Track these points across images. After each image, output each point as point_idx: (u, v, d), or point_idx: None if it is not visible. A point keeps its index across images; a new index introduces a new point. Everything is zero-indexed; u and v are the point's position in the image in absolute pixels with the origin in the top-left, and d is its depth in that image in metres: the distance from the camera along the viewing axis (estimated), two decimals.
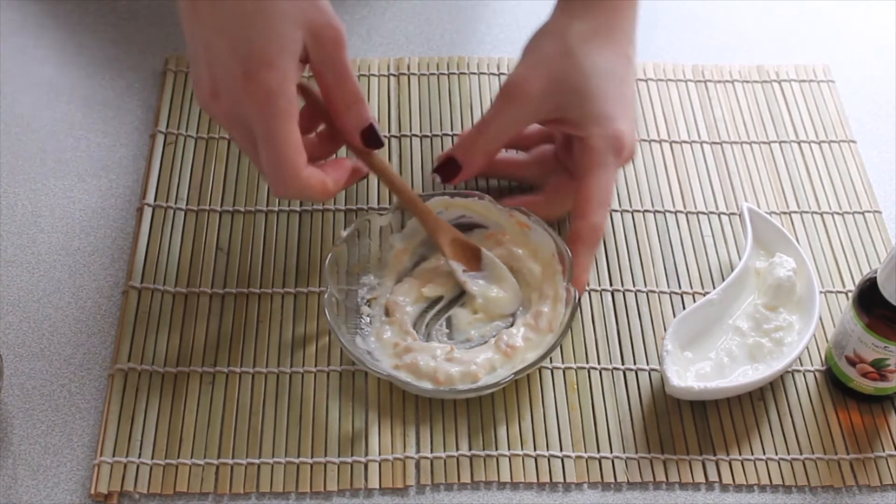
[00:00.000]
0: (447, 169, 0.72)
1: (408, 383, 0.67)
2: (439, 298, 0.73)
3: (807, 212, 0.79)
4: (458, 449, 0.67)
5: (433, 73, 0.87)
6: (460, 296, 0.73)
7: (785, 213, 0.79)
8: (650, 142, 0.83)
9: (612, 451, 0.67)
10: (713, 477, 0.66)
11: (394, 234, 0.74)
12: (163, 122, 0.82)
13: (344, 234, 0.71)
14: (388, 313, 0.71)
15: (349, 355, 0.67)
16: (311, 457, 0.66)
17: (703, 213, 0.79)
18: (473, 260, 0.72)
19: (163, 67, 0.86)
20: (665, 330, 0.70)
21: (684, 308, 0.73)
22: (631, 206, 0.79)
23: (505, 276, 0.72)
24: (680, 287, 0.75)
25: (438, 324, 0.72)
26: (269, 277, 0.74)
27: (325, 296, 0.68)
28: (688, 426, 0.68)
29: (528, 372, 0.67)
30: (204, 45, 0.62)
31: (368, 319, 0.71)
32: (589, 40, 0.72)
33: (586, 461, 0.67)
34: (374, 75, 0.86)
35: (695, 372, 0.69)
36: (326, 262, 0.70)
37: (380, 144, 0.67)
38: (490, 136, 0.72)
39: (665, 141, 0.83)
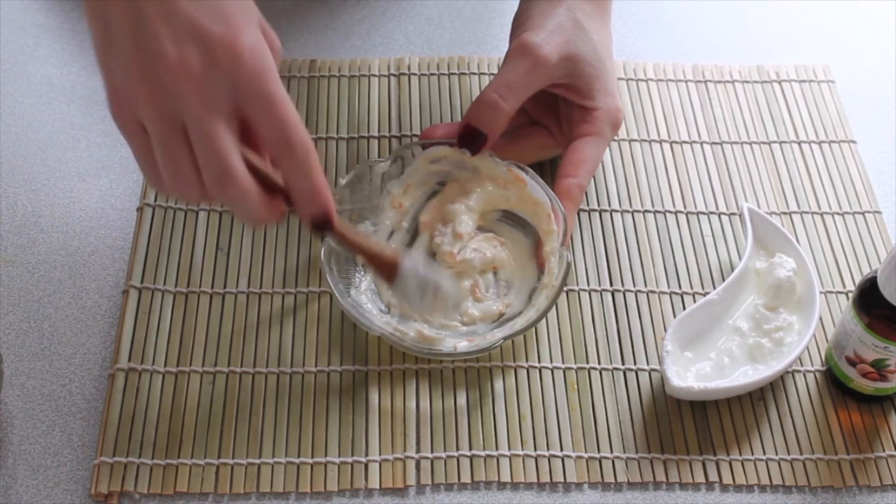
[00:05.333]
0: (473, 142, 0.71)
1: (398, 340, 0.67)
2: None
3: (807, 212, 0.79)
4: (458, 449, 0.67)
5: (433, 73, 0.87)
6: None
7: (785, 213, 0.79)
8: (650, 142, 0.83)
9: (612, 451, 0.67)
10: (713, 477, 0.66)
11: (392, 181, 0.74)
12: None
13: (344, 180, 0.71)
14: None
15: (342, 308, 0.68)
16: (311, 457, 0.66)
17: (703, 213, 0.79)
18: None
19: None
20: (665, 330, 0.70)
21: (684, 308, 0.73)
22: (631, 206, 0.79)
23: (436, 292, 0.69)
24: (680, 287, 0.75)
25: None
26: (269, 277, 0.74)
27: (322, 245, 0.69)
28: (688, 426, 0.68)
29: (520, 335, 0.68)
30: (135, 23, 0.53)
31: (363, 269, 0.72)
32: (591, 16, 0.74)
33: (586, 461, 0.67)
34: (374, 75, 0.86)
35: (695, 372, 0.69)
36: None
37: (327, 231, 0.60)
38: (513, 102, 0.71)
39: (665, 141, 0.83)
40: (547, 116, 0.77)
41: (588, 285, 0.75)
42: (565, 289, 0.74)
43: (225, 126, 0.54)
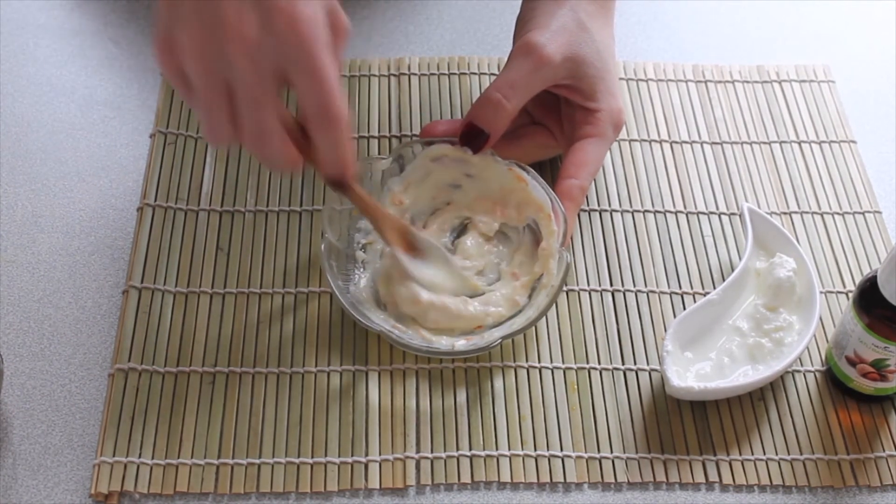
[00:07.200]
0: (475, 140, 0.72)
1: (397, 337, 0.67)
2: None
3: (807, 212, 0.79)
4: (458, 449, 0.67)
5: (433, 73, 0.87)
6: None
7: (785, 213, 0.79)
8: (650, 142, 0.83)
9: (612, 451, 0.67)
10: (713, 477, 0.66)
11: (393, 178, 0.74)
12: (163, 122, 0.82)
13: None
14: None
15: (341, 306, 0.68)
16: (311, 457, 0.66)
17: (703, 213, 0.79)
18: (415, 248, 0.72)
19: None
20: (665, 330, 0.70)
21: (684, 308, 0.73)
22: (631, 206, 0.79)
23: (445, 260, 0.72)
24: (680, 287, 0.75)
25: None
26: (269, 277, 0.74)
27: (322, 242, 0.69)
28: (688, 426, 0.68)
29: (519, 334, 0.68)
30: None
31: (362, 266, 0.72)
32: (594, 17, 0.74)
33: (586, 461, 0.67)
34: (374, 75, 0.86)
35: (695, 372, 0.69)
36: (324, 206, 0.71)
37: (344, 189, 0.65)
38: (516, 102, 0.71)
39: (665, 141, 0.83)
40: (548, 116, 0.77)
41: (588, 285, 0.75)
42: (565, 289, 0.74)
43: (270, 90, 0.57)
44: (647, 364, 0.71)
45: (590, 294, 0.74)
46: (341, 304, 0.68)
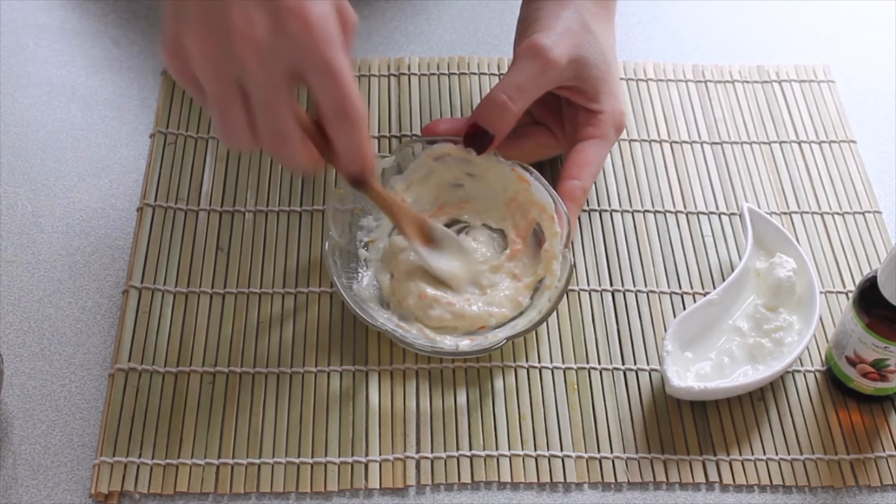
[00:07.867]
0: (480, 142, 0.72)
1: (400, 336, 0.68)
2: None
3: (807, 212, 0.79)
4: (458, 449, 0.67)
5: (433, 73, 0.87)
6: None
7: (785, 213, 0.79)
8: (650, 142, 0.83)
9: (612, 451, 0.67)
10: (713, 477, 0.66)
11: (395, 176, 0.74)
12: (163, 122, 0.82)
13: None
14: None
15: (346, 304, 0.68)
16: (311, 457, 0.66)
17: (703, 213, 0.79)
18: (432, 239, 0.73)
19: (163, 67, 0.86)
20: (665, 330, 0.70)
21: (684, 308, 0.73)
22: (631, 206, 0.79)
23: (461, 248, 0.73)
24: (680, 287, 0.75)
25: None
26: (269, 277, 0.74)
27: (326, 240, 0.69)
28: (688, 426, 0.68)
29: (522, 336, 0.68)
30: None
31: (365, 264, 0.72)
32: (598, 18, 0.74)
33: (586, 461, 0.67)
34: (374, 75, 0.86)
35: (695, 372, 0.69)
36: (327, 205, 0.71)
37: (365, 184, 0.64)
38: (521, 104, 0.71)
39: (665, 141, 0.83)
40: (549, 117, 0.77)
41: (588, 285, 0.75)
42: None
43: (285, 91, 0.57)
44: (647, 364, 0.71)
45: (590, 294, 0.74)
46: (345, 302, 0.68)
